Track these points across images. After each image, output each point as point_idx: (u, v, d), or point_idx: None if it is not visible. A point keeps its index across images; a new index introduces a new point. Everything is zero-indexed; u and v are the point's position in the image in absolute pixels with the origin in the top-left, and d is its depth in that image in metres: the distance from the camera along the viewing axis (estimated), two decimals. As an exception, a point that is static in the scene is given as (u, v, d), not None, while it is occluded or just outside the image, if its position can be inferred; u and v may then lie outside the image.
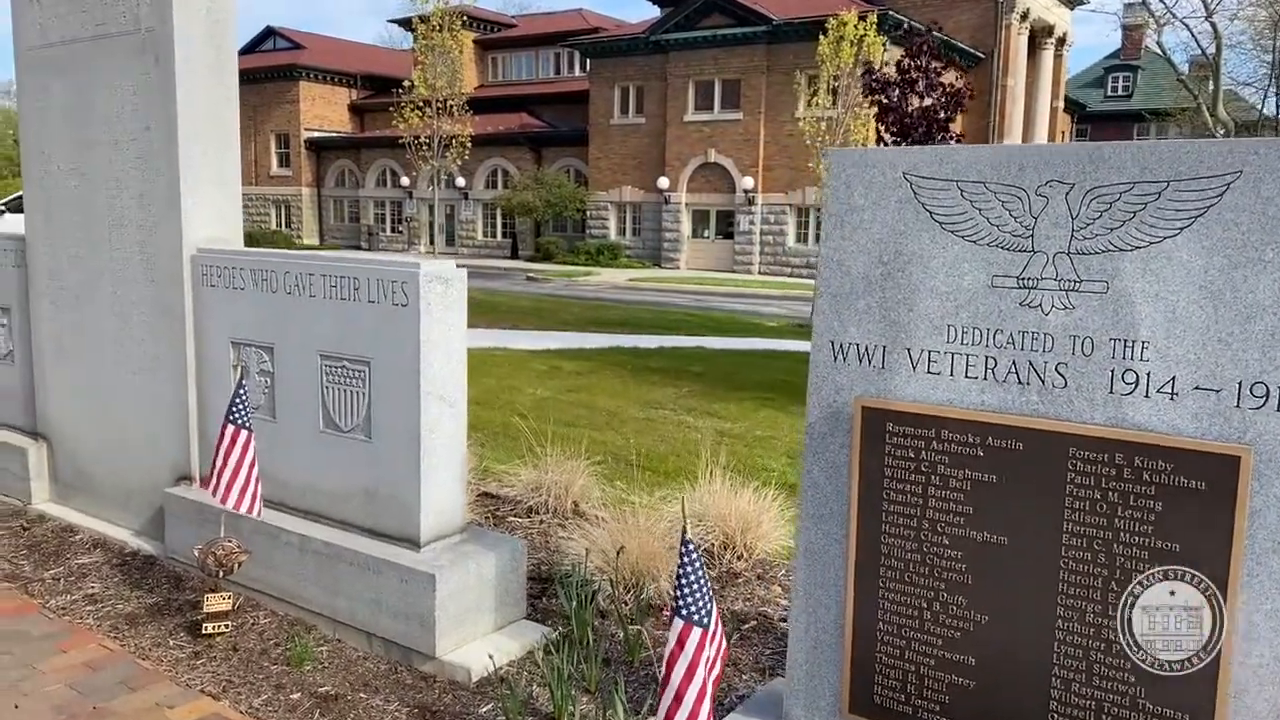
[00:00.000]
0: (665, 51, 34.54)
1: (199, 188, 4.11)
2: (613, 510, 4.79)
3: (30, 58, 4.64)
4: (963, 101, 11.76)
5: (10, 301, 5.05)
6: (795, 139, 30.13)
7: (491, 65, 45.80)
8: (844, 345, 2.49)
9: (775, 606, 3.96)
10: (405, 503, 3.52)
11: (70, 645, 3.46)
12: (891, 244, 2.40)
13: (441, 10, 23.32)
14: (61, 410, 4.83)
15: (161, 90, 4.06)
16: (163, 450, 4.34)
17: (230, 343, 4.02)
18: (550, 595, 3.92)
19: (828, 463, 2.56)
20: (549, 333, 14.63)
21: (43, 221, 4.71)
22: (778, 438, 7.48)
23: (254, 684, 3.24)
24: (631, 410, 8.46)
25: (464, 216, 41.58)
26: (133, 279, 4.32)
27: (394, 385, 3.49)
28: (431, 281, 3.43)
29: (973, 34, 34.01)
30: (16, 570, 4.16)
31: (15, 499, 4.97)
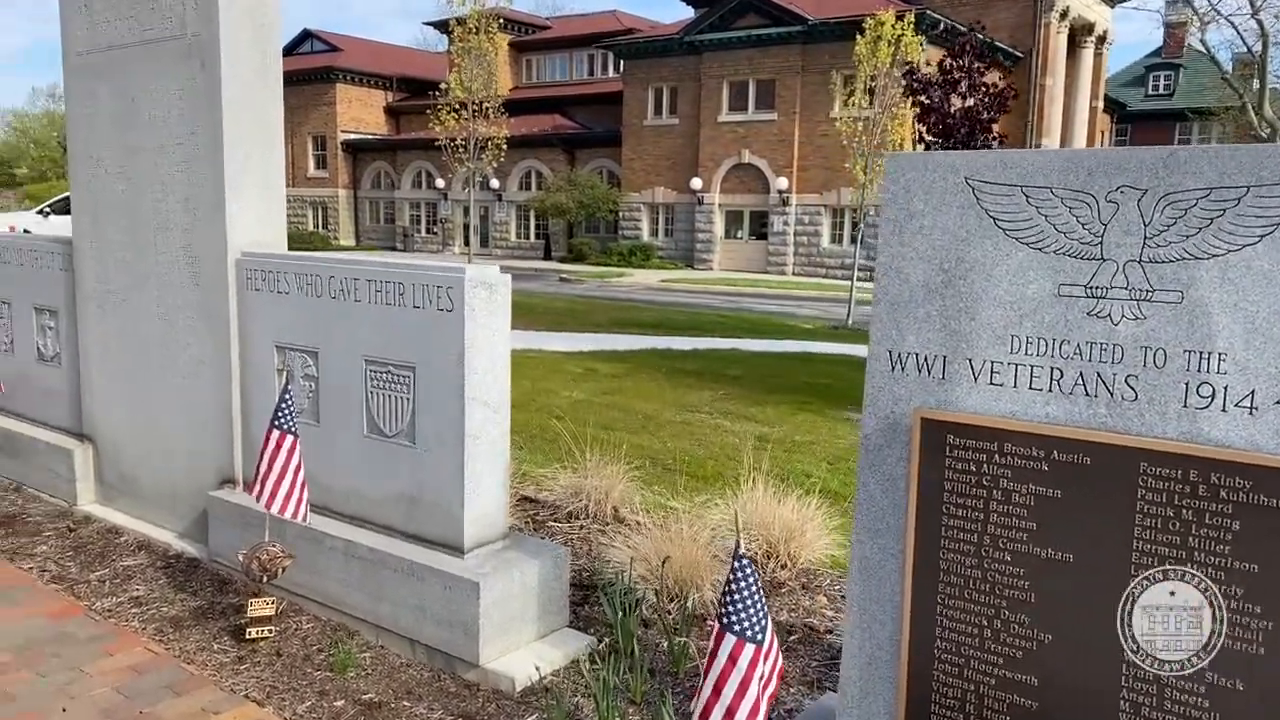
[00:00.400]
0: (699, 52, 34.46)
1: (243, 192, 4.12)
2: (653, 516, 4.75)
3: (78, 63, 4.68)
4: (1007, 102, 11.58)
5: (57, 304, 5.10)
6: (830, 139, 29.92)
7: (526, 67, 45.96)
8: (902, 355, 2.42)
9: (820, 617, 3.89)
10: (449, 509, 3.50)
11: (116, 648, 3.47)
12: (952, 251, 2.33)
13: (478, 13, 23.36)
14: (107, 412, 4.87)
15: (207, 95, 4.07)
16: (206, 453, 4.35)
17: (274, 347, 4.02)
18: (593, 603, 3.88)
19: (884, 475, 2.49)
20: (583, 334, 14.61)
21: (90, 226, 4.75)
22: (818, 443, 7.39)
23: (298, 690, 3.23)
24: (668, 413, 8.41)
25: (498, 218, 41.76)
26: (178, 283, 4.34)
27: (438, 391, 3.47)
28: (476, 287, 3.40)
29: (1011, 33, 33.60)
30: (63, 571, 4.19)
31: (62, 500, 5.01)
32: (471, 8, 23.49)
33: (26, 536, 4.59)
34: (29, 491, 5.21)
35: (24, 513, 4.92)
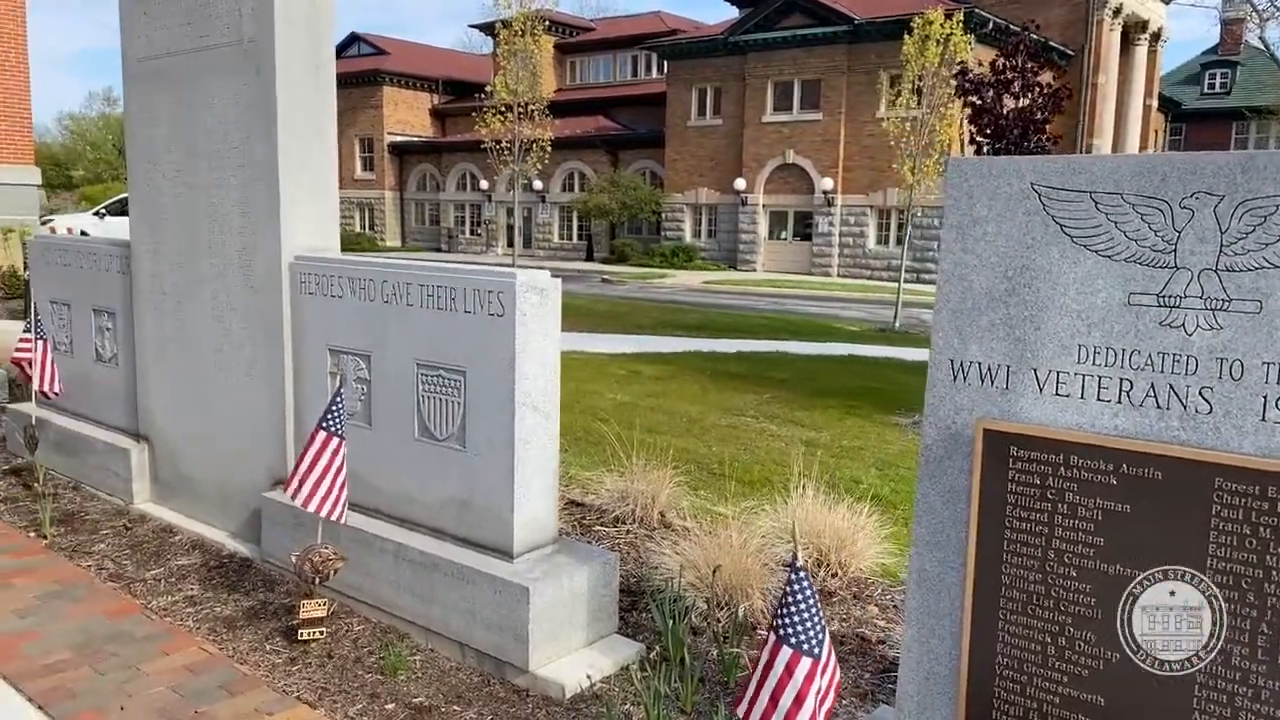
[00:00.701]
0: (744, 52, 34.33)
1: (298, 196, 4.16)
2: (700, 522, 4.72)
3: (137, 69, 4.76)
4: (1061, 102, 11.35)
5: (115, 306, 5.20)
6: (876, 139, 29.65)
7: (569, 69, 46.13)
8: (964, 364, 2.37)
9: (872, 628, 3.83)
10: (499, 513, 3.50)
11: (172, 647, 3.51)
12: (1017, 258, 2.28)
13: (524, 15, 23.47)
14: (162, 413, 4.95)
15: (262, 100, 4.12)
16: (259, 454, 4.40)
17: (328, 350, 4.05)
18: (641, 609, 3.86)
19: (944, 486, 2.44)
20: (626, 336, 14.61)
21: (147, 229, 4.83)
22: (866, 448, 7.31)
23: (349, 692, 3.25)
24: (713, 416, 8.37)
25: (540, 219, 41.95)
26: (232, 286, 4.39)
27: (488, 395, 3.47)
28: (527, 292, 3.40)
29: (1062, 31, 33.03)
30: (120, 570, 4.26)
31: (118, 499, 5.10)
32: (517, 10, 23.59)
33: (85, 534, 4.68)
34: (87, 490, 5.32)
35: (82, 511, 5.02)
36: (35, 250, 6.02)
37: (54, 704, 3.09)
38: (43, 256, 5.87)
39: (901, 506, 5.55)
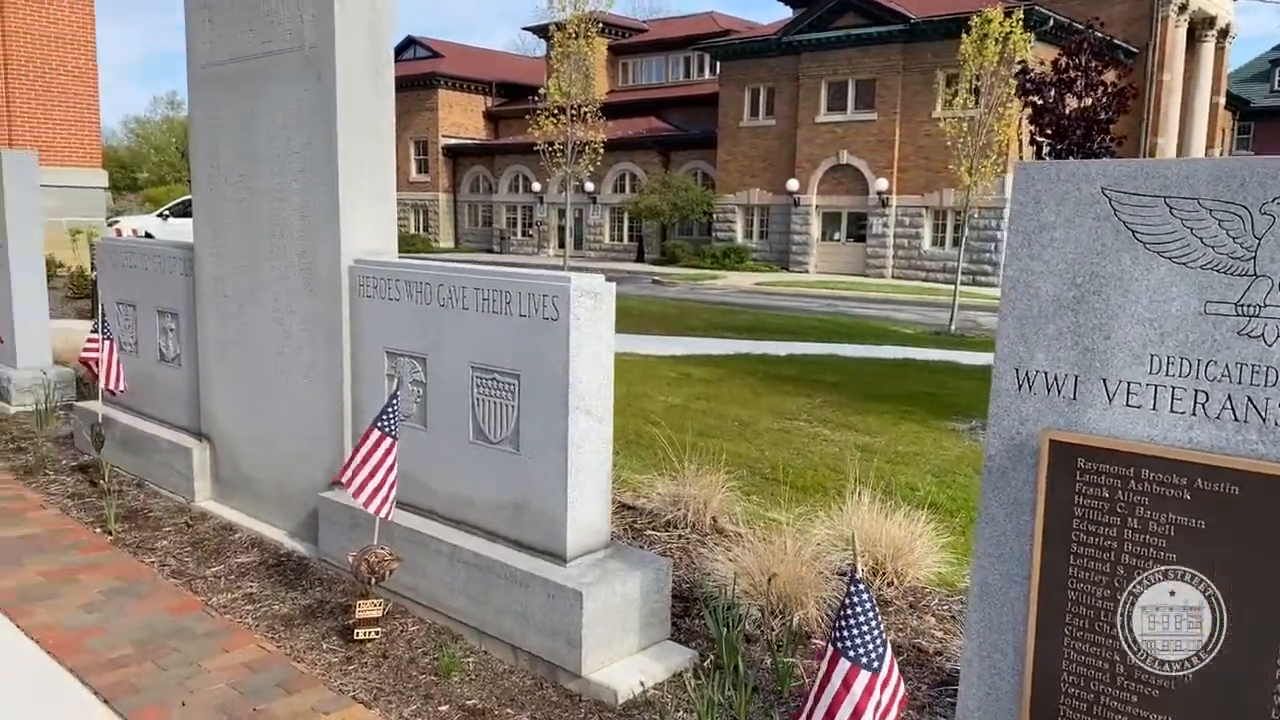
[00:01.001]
0: (797, 52, 34.10)
1: (357, 201, 4.21)
2: (754, 528, 4.68)
3: (202, 75, 4.85)
4: (1127, 101, 11.07)
5: (178, 307, 5.31)
6: (932, 139, 29.25)
7: (622, 70, 46.23)
8: (1030, 373, 2.31)
9: (930, 639, 3.76)
10: (552, 517, 3.50)
11: (231, 645, 3.57)
12: (1086, 265, 2.21)
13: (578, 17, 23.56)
14: (223, 412, 5.04)
15: (323, 105, 4.17)
16: (317, 455, 4.46)
17: (385, 352, 4.09)
18: (694, 616, 3.84)
19: (1008, 498, 2.38)
20: (676, 338, 14.58)
21: (210, 232, 4.92)
22: (922, 454, 7.20)
23: (403, 693, 3.27)
24: (764, 420, 8.31)
25: (591, 220, 42.10)
26: (293, 289, 4.46)
27: (542, 399, 3.48)
28: (581, 296, 3.39)
29: (1125, 27, 32.27)
30: (182, 567, 4.35)
31: (180, 496, 5.21)
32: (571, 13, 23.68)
33: (149, 531, 4.78)
34: (150, 487, 5.44)
35: (146, 508, 5.13)
36: (102, 252, 6.18)
37: (118, 698, 3.15)
38: (109, 258, 6.02)
39: (959, 514, 5.46)
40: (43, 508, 5.05)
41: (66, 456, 6.02)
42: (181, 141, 66.37)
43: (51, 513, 4.98)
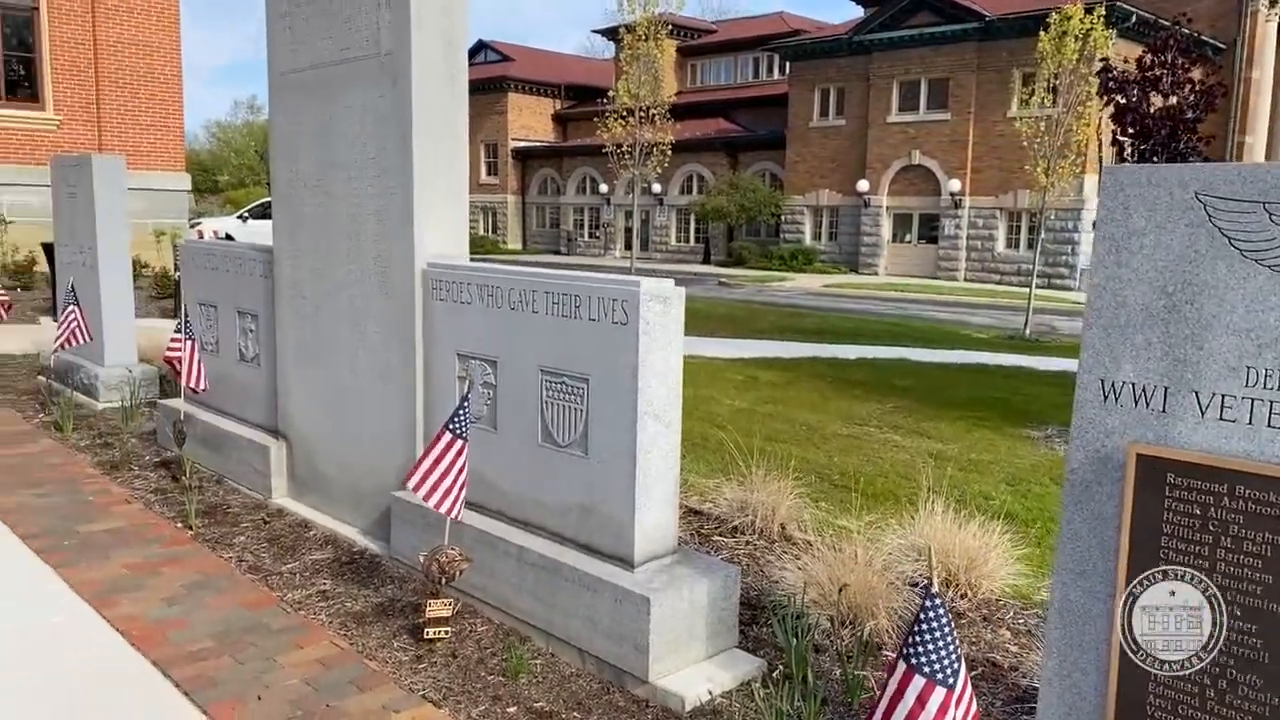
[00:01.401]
0: (868, 52, 33.67)
1: (431, 205, 4.26)
2: (822, 535, 4.62)
3: (282, 81, 4.97)
4: (1215, 100, 10.67)
5: (258, 309, 5.44)
6: (1007, 139, 28.63)
7: (690, 71, 46.18)
8: (1116, 384, 2.23)
9: (1004, 653, 3.67)
10: (620, 521, 3.50)
11: (305, 641, 3.64)
12: (1178, 272, 2.13)
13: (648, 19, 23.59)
14: (300, 412, 5.15)
15: (398, 111, 4.23)
16: (390, 454, 4.53)
17: (456, 355, 4.14)
18: (761, 624, 3.80)
19: (1091, 513, 2.30)
20: (743, 340, 14.50)
21: (289, 236, 5.04)
22: (996, 462, 7.03)
23: (472, 693, 3.30)
24: (833, 425, 8.21)
25: (658, 222, 42.13)
26: (368, 291, 4.53)
27: (611, 403, 3.48)
28: (651, 301, 3.38)
29: (1212, 23, 31.16)
30: (259, 562, 4.45)
31: (258, 493, 5.34)
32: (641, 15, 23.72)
33: (227, 526, 4.91)
34: (229, 483, 5.58)
35: (225, 504, 5.26)
36: (185, 254, 6.37)
37: (197, 691, 3.24)
38: (192, 260, 6.21)
39: (1035, 525, 5.32)
40: (128, 502, 5.22)
41: (150, 452, 6.22)
42: (260, 145, 68.25)
43: (136, 507, 5.14)
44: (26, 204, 17.03)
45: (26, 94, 17.88)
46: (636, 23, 23.88)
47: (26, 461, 5.91)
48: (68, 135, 18.02)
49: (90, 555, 4.41)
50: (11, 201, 17.08)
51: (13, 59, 17.76)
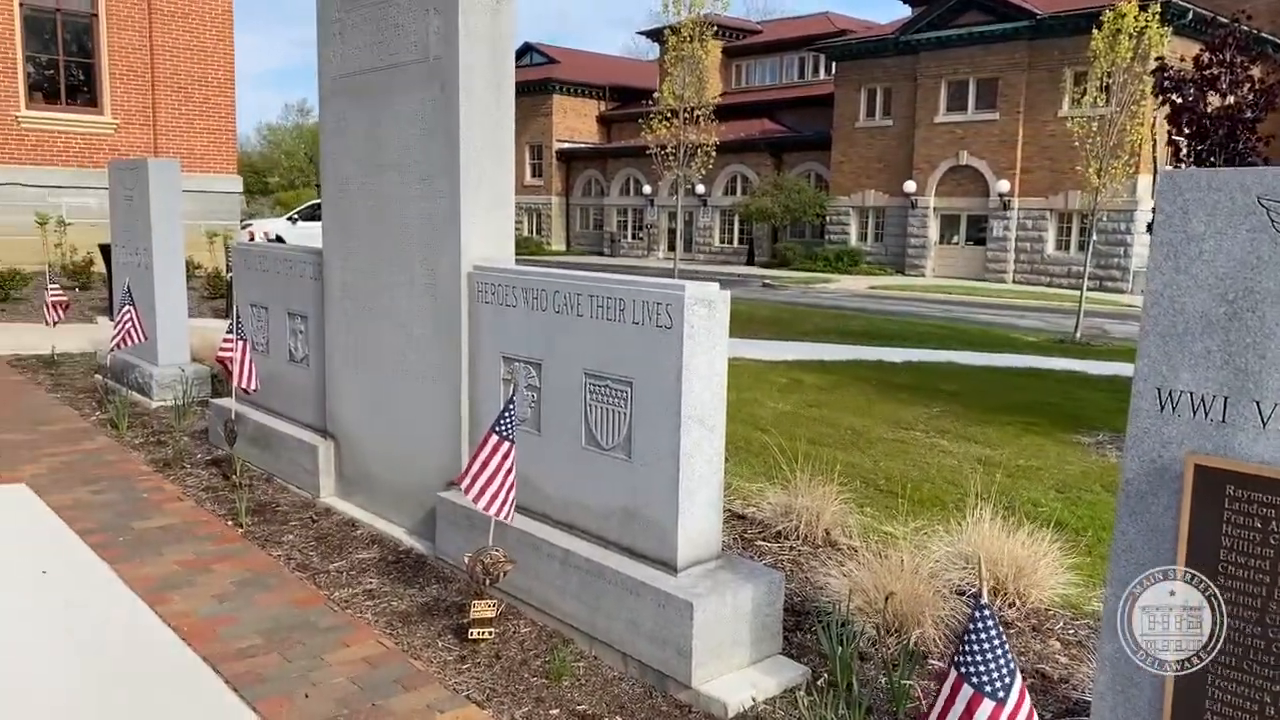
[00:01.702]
0: (916, 52, 33.33)
1: (476, 209, 4.29)
2: (867, 541, 4.58)
3: (332, 87, 5.04)
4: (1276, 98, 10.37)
5: (308, 310, 5.52)
6: (1058, 139, 28.17)
7: (735, 72, 46.07)
8: (1174, 393, 2.18)
9: (1054, 664, 3.60)
10: (663, 526, 3.49)
11: (352, 640, 3.68)
12: (1239, 279, 2.07)
13: (693, 21, 23.56)
14: (347, 412, 5.22)
15: (445, 116, 4.27)
16: (435, 455, 4.57)
17: (501, 357, 4.16)
18: (805, 631, 3.77)
19: (1147, 525, 2.25)
20: (787, 343, 14.41)
21: (338, 238, 5.10)
22: (1045, 468, 6.92)
23: (516, 695, 3.31)
24: (879, 430, 8.13)
25: (702, 223, 42.07)
26: (415, 294, 4.58)
27: (655, 407, 3.47)
28: (695, 305, 3.37)
29: (1272, 19, 30.36)
30: (306, 560, 4.51)
31: (306, 492, 5.42)
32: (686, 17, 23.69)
33: (277, 524, 4.98)
34: (278, 482, 5.67)
35: (274, 502, 5.35)
36: (237, 257, 6.48)
37: (246, 687, 3.29)
38: (244, 262, 6.32)
39: (1086, 534, 5.22)
40: (180, 499, 5.32)
41: (201, 450, 6.34)
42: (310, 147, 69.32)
43: (188, 504, 5.25)
44: (85, 206, 17.46)
45: (85, 99, 18.35)
46: (681, 24, 23.85)
47: (84, 459, 6.06)
48: (124, 139, 18.45)
49: (144, 551, 4.51)
50: (70, 203, 17.52)
51: (72, 64, 18.23)
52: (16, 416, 7.09)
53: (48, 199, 17.37)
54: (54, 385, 8.33)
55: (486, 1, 4.23)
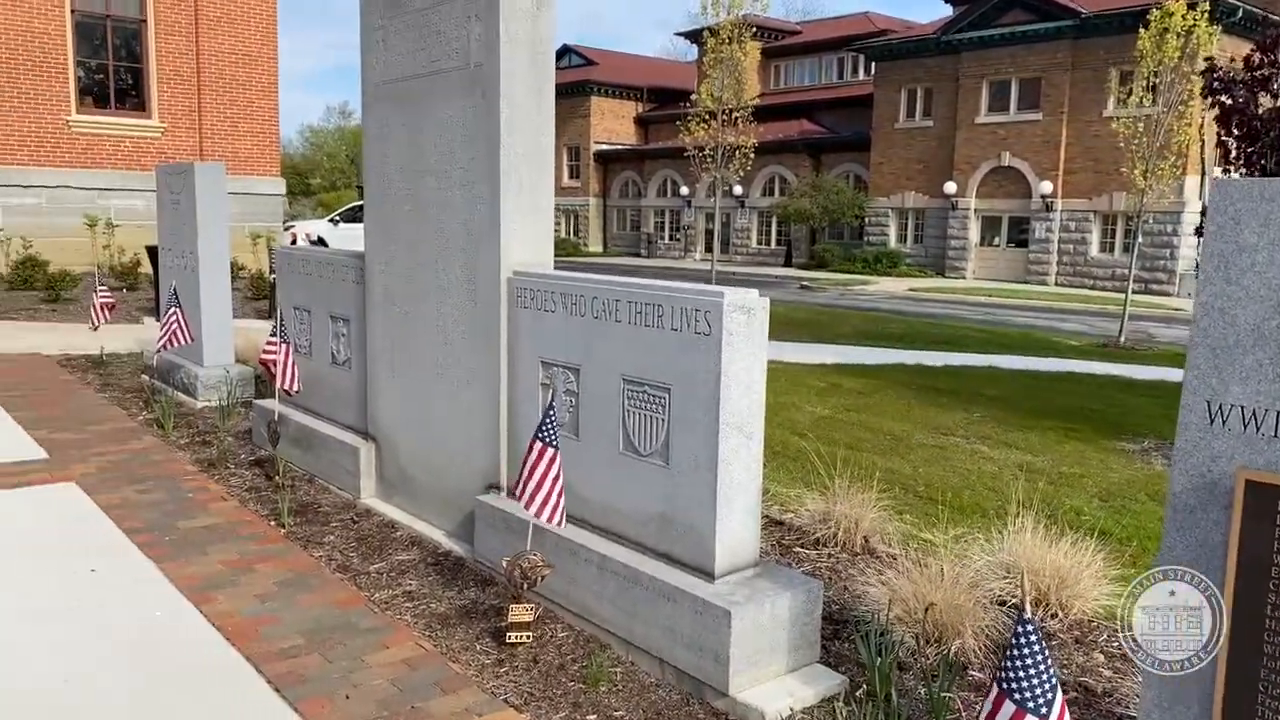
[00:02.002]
0: (957, 52, 32.99)
1: (516, 214, 4.32)
2: (906, 549, 4.54)
3: (375, 93, 5.09)
4: (1330, 100, 10.15)
5: (350, 314, 5.59)
6: (1102, 140, 27.76)
7: (773, 72, 45.89)
8: (1224, 406, 2.14)
9: (1097, 677, 3.55)
10: (700, 533, 3.49)
11: (392, 641, 3.72)
12: (1293, 291, 2.03)
13: (732, 23, 23.50)
14: (388, 415, 5.27)
15: (486, 122, 4.30)
16: (474, 459, 4.60)
17: (540, 362, 4.18)
18: (843, 640, 3.75)
19: (1195, 540, 2.21)
20: (825, 346, 14.33)
21: (380, 243, 5.16)
22: (1087, 476, 6.81)
23: (553, 699, 3.32)
24: (919, 435, 8.06)
25: (739, 224, 41.95)
26: (455, 299, 4.61)
27: (693, 413, 3.47)
28: (734, 311, 3.37)
29: (1326, 16, 29.69)
30: (347, 561, 4.56)
31: (347, 493, 5.48)
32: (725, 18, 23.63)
33: (318, 525, 5.05)
34: (319, 483, 5.74)
35: (316, 502, 5.42)
36: (281, 260, 6.58)
37: (287, 687, 3.33)
38: (287, 266, 6.41)
39: (1131, 544, 5.13)
40: (224, 499, 5.41)
41: (245, 451, 6.44)
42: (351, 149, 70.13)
43: (231, 504, 5.33)
44: (132, 208, 17.81)
45: (134, 103, 18.72)
46: (720, 26, 23.80)
47: (131, 458, 6.18)
48: (171, 142, 18.79)
49: (189, 551, 4.58)
50: (118, 205, 17.89)
51: (121, 69, 18.61)
52: (67, 416, 7.24)
53: (96, 201, 17.75)
54: (102, 385, 8.51)
55: (526, 7, 4.25)
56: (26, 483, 5.54)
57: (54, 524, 4.93)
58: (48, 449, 6.26)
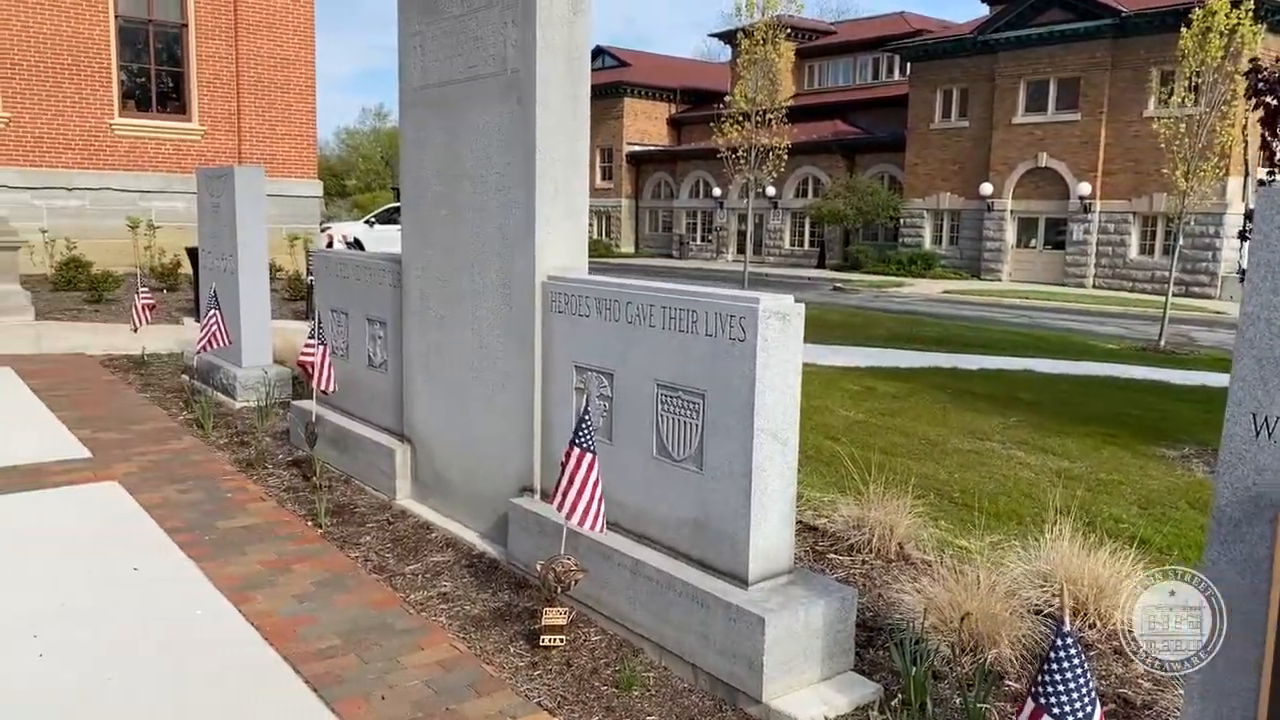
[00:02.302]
0: (994, 51, 32.67)
1: (551, 220, 4.34)
2: (941, 556, 4.51)
3: (412, 98, 5.14)
4: (1379, 102, 9.93)
5: (386, 316, 5.64)
6: (1142, 140, 27.34)
7: (807, 73, 45.71)
8: (1270, 419, 2.11)
9: (1136, 689, 3.50)
10: (734, 539, 3.49)
11: (427, 642, 3.75)
12: (1342, 302, 2.00)
13: (766, 24, 23.44)
14: (424, 417, 5.32)
15: (522, 128, 4.33)
16: (509, 462, 4.63)
17: (574, 366, 4.20)
18: (878, 647, 3.73)
19: (1240, 555, 2.18)
20: (859, 348, 14.25)
21: (417, 247, 5.21)
22: (1126, 483, 6.72)
23: (586, 703, 3.34)
24: (954, 440, 7.99)
25: (772, 225, 41.83)
26: (490, 303, 4.65)
27: (727, 419, 3.47)
28: (769, 317, 3.36)
29: (1375, 13, 29.03)
30: (383, 562, 4.61)
31: (382, 494, 5.54)
32: (760, 19, 23.56)
33: (354, 526, 5.10)
34: (355, 484, 5.80)
35: (352, 503, 5.48)
36: (318, 263, 6.66)
37: (324, 687, 3.37)
38: (325, 269, 6.48)
39: (1172, 553, 5.06)
40: (262, 499, 5.49)
41: (282, 451, 6.52)
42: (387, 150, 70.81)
43: (269, 504, 5.40)
44: (173, 210, 18.10)
45: (175, 106, 19.01)
46: (754, 27, 23.74)
47: (172, 458, 6.28)
48: (210, 145, 19.06)
49: (228, 550, 4.65)
50: (159, 207, 18.18)
51: (163, 73, 18.90)
52: (109, 416, 7.38)
53: (138, 203, 18.05)
54: (144, 385, 8.65)
55: (563, 14, 4.28)
56: (70, 482, 5.65)
57: (98, 523, 5.02)
58: (91, 448, 6.38)
